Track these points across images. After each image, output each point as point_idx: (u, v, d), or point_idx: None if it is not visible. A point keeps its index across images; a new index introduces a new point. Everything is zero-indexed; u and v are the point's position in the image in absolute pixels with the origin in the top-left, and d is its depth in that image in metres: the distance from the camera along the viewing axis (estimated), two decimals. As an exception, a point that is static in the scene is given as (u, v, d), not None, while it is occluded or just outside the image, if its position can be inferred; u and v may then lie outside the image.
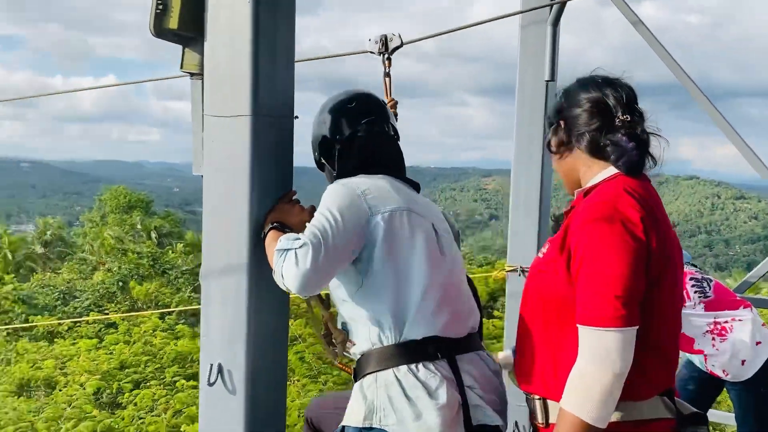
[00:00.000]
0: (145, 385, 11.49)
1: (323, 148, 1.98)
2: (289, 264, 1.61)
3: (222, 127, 1.76)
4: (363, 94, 2.04)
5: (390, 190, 1.80)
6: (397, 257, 1.71)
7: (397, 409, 1.62)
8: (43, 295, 19.43)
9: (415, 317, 1.69)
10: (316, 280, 1.63)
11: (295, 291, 1.64)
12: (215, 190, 1.80)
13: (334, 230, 1.64)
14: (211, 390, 1.78)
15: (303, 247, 1.61)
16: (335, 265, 1.67)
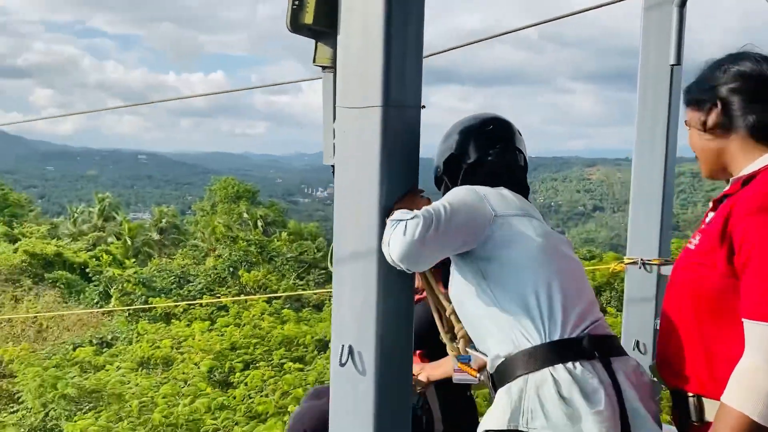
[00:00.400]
0: (254, 366, 11.99)
1: (449, 166, 2.02)
2: (397, 233, 1.63)
3: (353, 117, 1.82)
4: (499, 119, 2.06)
5: (511, 198, 1.84)
6: (529, 258, 1.71)
7: (548, 411, 1.54)
8: (161, 279, 20.72)
9: (559, 316, 1.65)
10: (417, 253, 1.63)
11: (396, 259, 1.65)
12: (346, 180, 1.87)
13: (448, 215, 1.67)
14: (342, 370, 1.85)
15: (414, 219, 1.63)
16: (441, 247, 1.68)
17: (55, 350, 16.09)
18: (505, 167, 1.98)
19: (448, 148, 2.04)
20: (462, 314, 1.82)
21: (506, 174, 1.95)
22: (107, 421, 8.48)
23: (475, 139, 2.00)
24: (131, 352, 13.30)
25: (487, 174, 1.92)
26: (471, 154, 1.99)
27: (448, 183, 2.03)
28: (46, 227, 45.11)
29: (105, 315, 22.78)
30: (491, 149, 1.98)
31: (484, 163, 1.97)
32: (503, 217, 1.75)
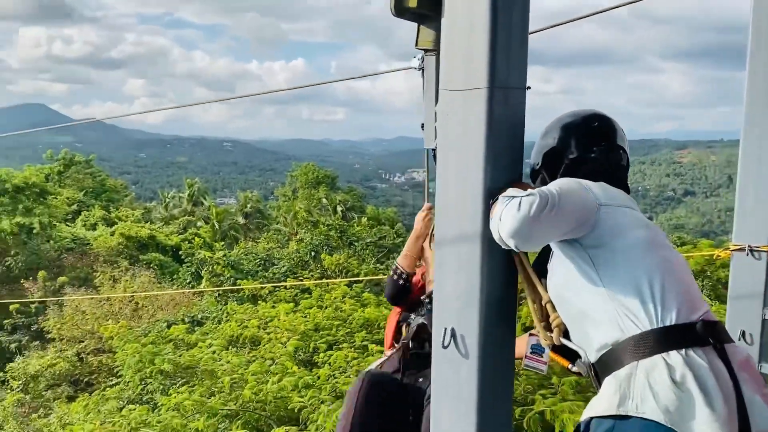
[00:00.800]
0: (337, 347, 12.22)
1: (548, 159, 2.01)
2: (510, 208, 1.63)
3: (457, 100, 1.82)
4: (604, 116, 2.02)
5: (614, 191, 1.84)
6: (639, 247, 1.69)
7: (657, 394, 1.51)
8: (247, 262, 21.43)
9: (672, 302, 1.62)
10: (529, 231, 1.62)
11: (506, 234, 1.63)
12: (449, 162, 1.87)
13: (563, 197, 1.66)
14: (444, 353, 1.87)
15: (530, 197, 1.63)
16: (552, 228, 1.67)
17: (150, 328, 16.96)
18: (608, 166, 1.96)
19: (549, 143, 2.01)
20: (563, 304, 1.80)
21: (608, 172, 1.93)
22: (200, 396, 8.87)
23: (578, 135, 1.99)
24: (221, 331, 13.85)
25: (588, 171, 1.90)
26: (573, 151, 1.97)
27: (547, 178, 2.01)
28: (140, 211, 47.65)
29: (195, 295, 23.85)
30: (595, 147, 1.96)
31: (586, 160, 1.95)
32: (607, 206, 1.74)
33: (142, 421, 8.61)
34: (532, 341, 1.95)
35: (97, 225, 38.53)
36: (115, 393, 12.07)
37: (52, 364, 20.93)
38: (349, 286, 16.59)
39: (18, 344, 26.84)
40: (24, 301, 27.21)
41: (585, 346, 1.74)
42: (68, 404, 17.18)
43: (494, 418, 1.87)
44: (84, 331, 22.58)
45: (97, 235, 35.30)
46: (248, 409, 8.83)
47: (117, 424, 8.52)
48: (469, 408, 1.83)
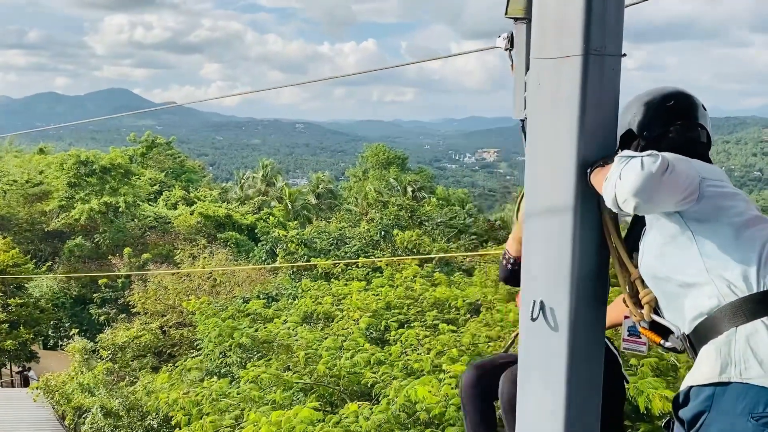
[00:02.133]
0: (408, 325, 12.32)
1: (624, 140, 1.95)
2: (632, 166, 1.58)
3: (550, 68, 1.77)
4: (683, 93, 1.97)
5: (709, 166, 1.83)
6: (733, 220, 1.66)
7: (763, 360, 1.50)
8: (320, 240, 21.83)
9: (766, 268, 1.58)
10: (653, 189, 1.58)
11: (630, 192, 1.58)
12: (540, 133, 1.83)
13: (677, 163, 1.63)
14: (532, 325, 1.85)
15: (653, 156, 1.59)
16: (670, 193, 1.62)
17: (227, 303, 17.60)
18: (686, 143, 1.90)
19: (626, 122, 1.97)
20: (658, 279, 1.75)
21: (687, 150, 1.86)
22: (276, 370, 9.16)
23: (655, 114, 1.94)
24: (296, 307, 14.18)
25: (667, 150, 1.81)
26: (651, 129, 1.93)
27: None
28: (217, 192, 49.26)
29: (270, 273, 24.55)
30: (672, 125, 1.92)
31: (663, 139, 1.91)
32: (708, 180, 1.71)
33: (223, 392, 8.99)
34: (629, 323, 1.91)
35: (178, 204, 40.09)
36: (195, 364, 12.62)
37: (138, 336, 22.09)
38: (420, 266, 16.67)
39: (106, 316, 28.46)
40: (111, 275, 28.75)
41: (679, 320, 1.71)
42: (152, 374, 18.14)
43: (583, 392, 1.84)
44: (166, 306, 23.69)
45: (178, 214, 36.75)
46: (322, 383, 9.06)
47: (199, 395, 8.93)
48: (558, 381, 1.81)
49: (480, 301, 12.24)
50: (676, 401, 1.64)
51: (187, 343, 21.89)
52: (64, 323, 31.62)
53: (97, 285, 29.79)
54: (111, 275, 28.81)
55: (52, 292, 30.77)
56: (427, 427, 7.31)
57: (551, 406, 1.83)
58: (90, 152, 38.40)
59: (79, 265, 33.12)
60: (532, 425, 1.90)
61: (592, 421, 1.90)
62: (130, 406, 15.47)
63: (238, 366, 11.60)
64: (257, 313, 13.39)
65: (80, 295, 31.02)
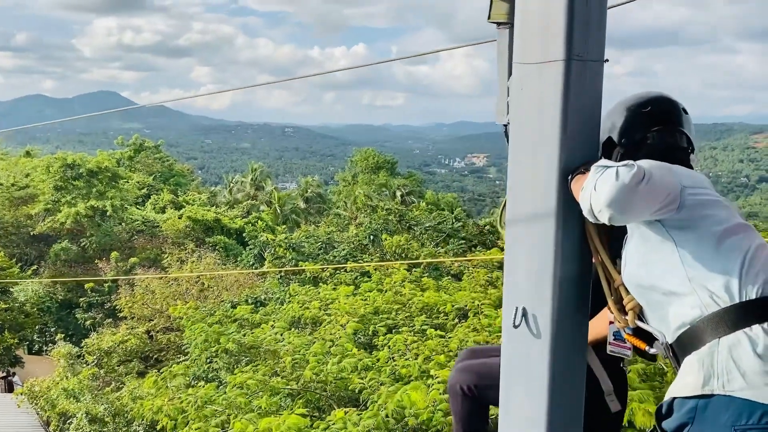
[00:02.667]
0: (396, 330, 12.30)
1: (605, 147, 1.94)
2: (607, 177, 1.57)
3: (532, 73, 1.77)
4: (663, 98, 1.95)
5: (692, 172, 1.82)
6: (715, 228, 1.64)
7: (745, 372, 1.49)
8: (308, 245, 21.76)
9: (758, 278, 1.57)
10: (627, 200, 1.57)
11: (603, 203, 1.57)
12: (523, 137, 1.82)
13: (656, 171, 1.62)
14: (514, 332, 1.83)
15: (627, 167, 1.57)
16: (647, 202, 1.61)
17: (215, 308, 17.51)
18: (666, 149, 1.88)
19: (607, 129, 1.95)
20: (641, 287, 1.74)
21: (667, 156, 1.83)
22: (263, 375, 9.10)
23: (633, 120, 1.92)
24: (283, 312, 14.12)
25: (645, 157, 1.81)
26: (630, 136, 1.91)
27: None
28: (206, 195, 49.03)
29: (258, 277, 24.42)
30: (650, 131, 1.90)
31: (641, 146, 1.89)
32: (691, 188, 1.69)
33: (209, 398, 8.91)
34: (614, 328, 1.91)
35: (166, 208, 39.86)
36: (182, 370, 12.51)
37: (124, 340, 21.89)
38: (408, 270, 16.65)
39: (92, 321, 28.19)
40: (97, 279, 28.51)
41: (663, 328, 1.69)
42: (139, 379, 17.98)
43: (565, 399, 1.83)
44: (153, 310, 23.50)
45: (166, 218, 36.52)
46: (309, 389, 9.01)
47: (185, 401, 8.86)
48: (540, 388, 1.80)
49: (468, 306, 12.22)
50: (659, 412, 1.63)
51: (174, 348, 21.72)
52: (50, 328, 31.28)
53: (84, 289, 29.51)
54: (98, 279, 28.56)
55: (38, 296, 30.46)
56: (415, 432, 7.29)
57: (534, 414, 1.82)
58: (77, 155, 38.10)
59: (65, 269, 32.80)
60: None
61: (575, 429, 1.89)
62: (115, 411, 15.30)
63: (225, 371, 11.53)
64: (244, 319, 13.32)
65: (66, 300, 30.72)
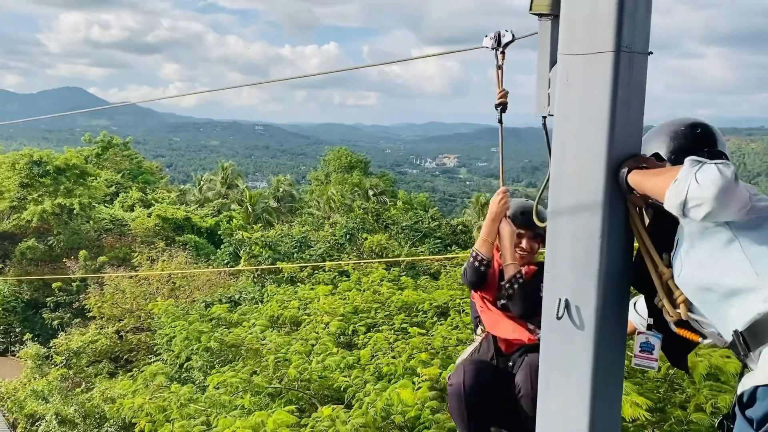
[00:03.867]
0: (376, 329, 12.28)
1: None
2: (709, 171, 1.61)
3: (579, 65, 1.76)
4: (705, 123, 2.08)
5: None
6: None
7: None
8: (284, 244, 21.61)
9: None
10: (730, 197, 1.62)
11: (709, 197, 1.60)
12: (568, 130, 1.82)
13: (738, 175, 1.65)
14: (556, 324, 1.83)
15: (725, 164, 1.62)
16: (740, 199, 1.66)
17: (188, 308, 17.26)
18: None
19: (652, 149, 2.01)
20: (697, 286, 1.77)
21: None
22: (246, 374, 9.00)
23: (685, 140, 2.01)
24: (261, 312, 13.98)
25: None
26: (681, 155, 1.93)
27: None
28: (175, 194, 48.27)
29: (231, 276, 24.14)
30: (701, 151, 1.93)
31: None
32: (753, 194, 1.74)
33: (190, 397, 8.77)
34: (641, 339, 1.91)
35: (135, 206, 39.15)
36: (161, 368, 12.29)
37: (93, 340, 21.44)
38: (386, 269, 16.64)
39: (60, 321, 27.54)
40: (65, 278, 27.86)
41: (720, 326, 1.74)
42: (109, 380, 17.62)
43: (607, 392, 1.83)
44: (123, 310, 23.06)
45: (135, 216, 35.87)
46: (292, 388, 8.94)
47: (165, 400, 8.71)
48: (582, 380, 1.79)
49: (448, 304, 12.26)
50: (741, 401, 1.65)
51: (144, 348, 21.34)
52: (15, 328, 30.48)
53: (51, 288, 28.81)
54: (66, 278, 27.90)
55: (2, 295, 29.65)
56: (402, 430, 7.28)
57: (574, 406, 1.82)
58: (44, 152, 37.15)
59: (31, 267, 31.97)
60: (554, 426, 1.88)
61: (615, 422, 1.89)
62: (86, 413, 14.99)
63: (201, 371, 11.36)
64: (221, 318, 13.15)
65: (32, 299, 29.95)
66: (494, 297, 2.92)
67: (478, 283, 2.90)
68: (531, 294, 2.78)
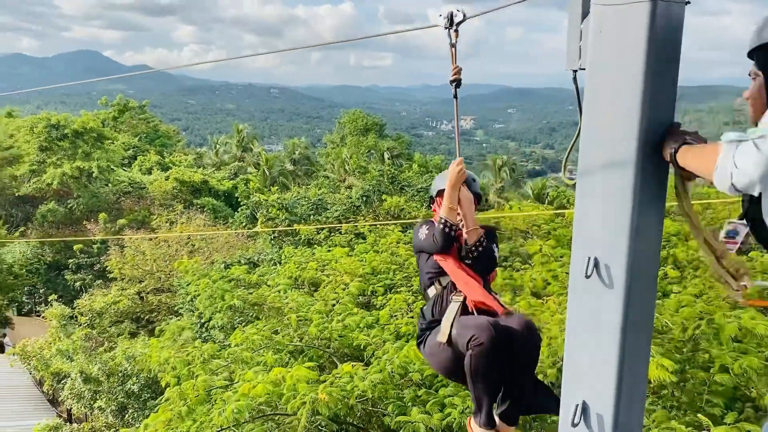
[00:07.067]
0: (395, 291, 12.35)
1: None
2: (747, 150, 1.53)
3: (614, 15, 1.69)
4: None
5: None
6: None
7: None
8: (300, 206, 21.66)
9: None
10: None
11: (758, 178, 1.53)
12: (601, 83, 1.76)
13: None
14: (584, 282, 1.81)
15: (764, 138, 1.53)
16: None
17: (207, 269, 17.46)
18: None
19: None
20: None
21: None
22: (268, 332, 9.14)
23: None
24: (280, 273, 14.10)
25: None
26: None
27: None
28: (192, 157, 48.40)
29: (249, 238, 24.33)
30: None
31: None
32: None
33: (214, 353, 8.95)
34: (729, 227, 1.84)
35: (153, 169, 39.38)
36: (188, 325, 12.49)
37: (115, 301, 21.85)
38: (403, 231, 16.66)
39: (82, 282, 28.07)
40: (86, 240, 28.26)
41: None
42: (130, 340, 18.01)
43: (636, 351, 1.82)
44: (144, 272, 23.42)
45: (153, 179, 36.12)
46: (313, 346, 9.07)
47: (191, 355, 8.89)
48: (610, 340, 1.78)
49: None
50: None
51: (165, 309, 21.73)
52: (38, 289, 31.14)
53: (72, 250, 29.30)
54: (87, 240, 28.32)
55: (26, 257, 30.21)
56: (420, 387, 7.38)
57: (602, 365, 1.81)
58: (61, 116, 37.32)
59: (52, 230, 32.49)
60: (582, 385, 1.88)
61: (643, 383, 1.89)
62: (109, 371, 15.38)
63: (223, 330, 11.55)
64: (240, 279, 13.30)
65: (55, 261, 30.50)
66: (455, 258, 3.14)
67: (448, 247, 3.10)
68: (490, 254, 3.15)
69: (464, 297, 3.07)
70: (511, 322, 2.95)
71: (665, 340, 6.85)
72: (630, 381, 1.80)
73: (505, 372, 2.93)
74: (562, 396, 1.94)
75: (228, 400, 6.65)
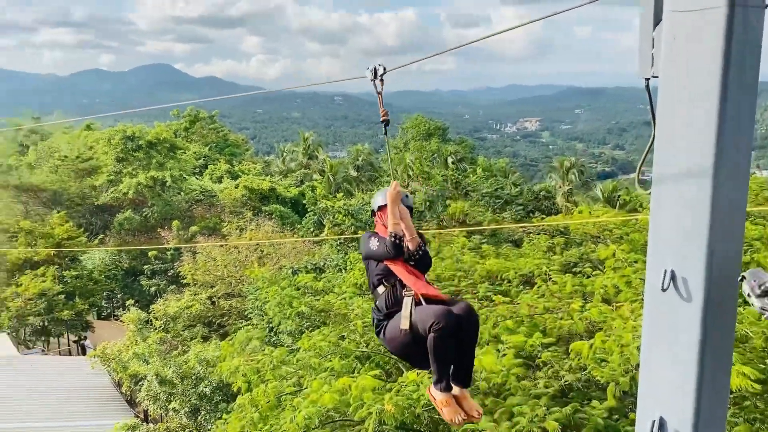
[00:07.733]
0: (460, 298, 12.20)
1: None
2: None
3: (689, 21, 1.65)
4: None
5: None
6: None
7: None
8: (365, 212, 21.85)
9: None
10: None
11: None
12: (676, 90, 1.71)
13: None
14: (661, 296, 1.76)
15: None
16: None
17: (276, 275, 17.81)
18: None
19: None
20: None
21: None
22: (337, 337, 9.25)
23: None
24: (345, 279, 14.24)
25: None
26: None
27: None
28: (260, 165, 49.63)
29: (315, 244, 24.72)
30: None
31: None
32: None
33: (283, 359, 9.13)
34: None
35: (223, 178, 40.57)
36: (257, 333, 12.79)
37: (188, 306, 22.63)
38: (467, 237, 16.53)
39: (157, 287, 29.22)
40: (160, 248, 29.39)
41: None
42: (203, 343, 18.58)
43: (716, 367, 1.75)
44: (215, 277, 24.16)
45: (223, 188, 37.23)
46: (379, 352, 9.13)
47: (260, 362, 9.11)
48: (689, 355, 1.73)
49: (533, 273, 12.07)
50: None
51: (236, 314, 22.35)
52: (116, 294, 32.60)
53: (147, 257, 30.56)
54: (161, 248, 29.46)
55: (104, 264, 31.68)
56: (487, 396, 7.30)
57: (680, 380, 1.76)
58: (136, 127, 39.03)
59: (129, 237, 33.99)
60: (659, 401, 1.83)
61: (724, 396, 1.82)
62: (183, 374, 15.91)
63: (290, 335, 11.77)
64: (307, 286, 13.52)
65: (131, 267, 31.85)
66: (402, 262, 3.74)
67: (400, 255, 3.70)
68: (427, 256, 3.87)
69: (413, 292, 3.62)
70: (456, 308, 3.54)
71: (746, 349, 6.54)
72: (710, 398, 1.74)
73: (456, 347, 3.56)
74: (638, 411, 1.89)
75: (298, 406, 6.77)
